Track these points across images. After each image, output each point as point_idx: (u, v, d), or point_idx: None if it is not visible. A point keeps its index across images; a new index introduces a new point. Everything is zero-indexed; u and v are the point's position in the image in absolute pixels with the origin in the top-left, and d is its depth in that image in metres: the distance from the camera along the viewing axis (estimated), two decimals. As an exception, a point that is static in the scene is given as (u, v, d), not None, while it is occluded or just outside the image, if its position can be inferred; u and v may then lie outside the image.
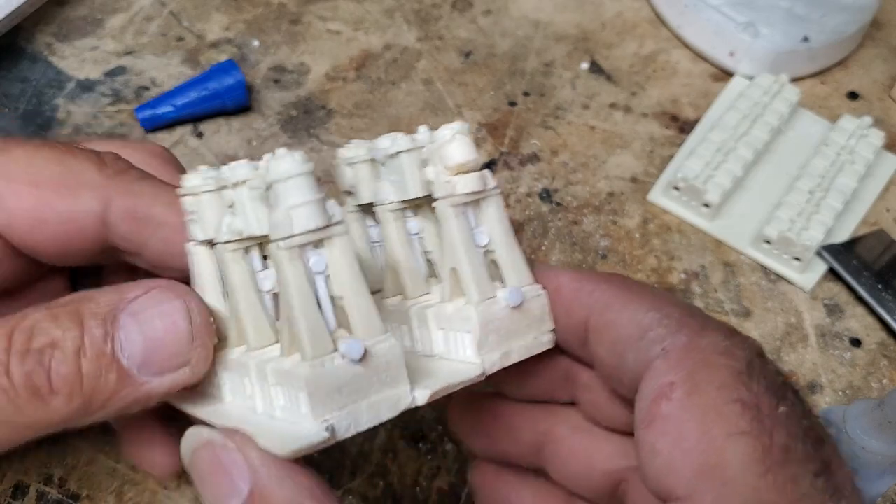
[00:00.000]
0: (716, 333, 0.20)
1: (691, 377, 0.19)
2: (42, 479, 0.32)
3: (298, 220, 0.20)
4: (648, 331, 0.21)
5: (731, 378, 0.19)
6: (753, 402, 0.19)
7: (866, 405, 0.28)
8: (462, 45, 0.51)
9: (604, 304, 0.22)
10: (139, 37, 0.49)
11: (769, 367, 0.20)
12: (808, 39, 0.49)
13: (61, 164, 0.26)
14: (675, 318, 0.21)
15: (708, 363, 0.19)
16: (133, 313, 0.22)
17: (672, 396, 0.19)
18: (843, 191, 0.43)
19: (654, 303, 0.22)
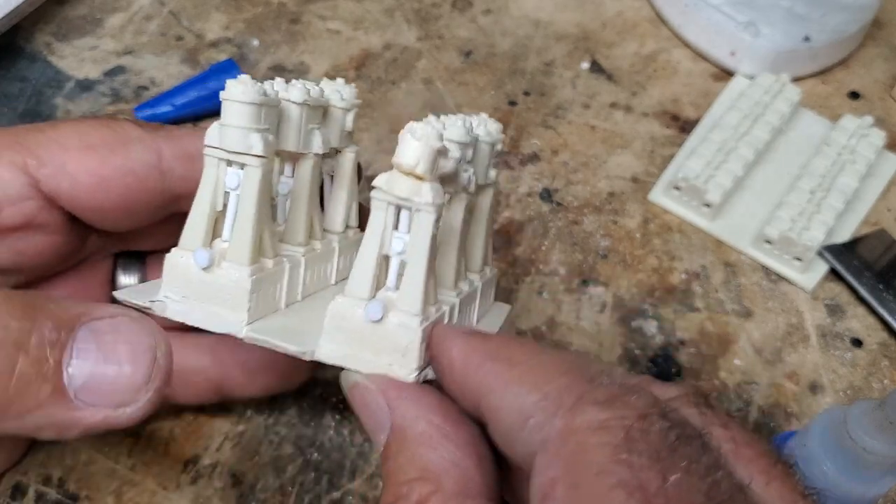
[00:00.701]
0: (591, 408, 0.18)
1: (570, 469, 0.18)
2: (41, 480, 0.32)
3: (224, 137, 0.23)
4: (529, 418, 0.19)
5: (608, 459, 0.17)
6: (636, 482, 0.16)
7: (867, 406, 0.28)
8: (462, 44, 0.51)
9: (488, 388, 0.21)
10: (138, 36, 0.49)
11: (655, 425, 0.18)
12: (809, 39, 0.49)
13: (108, 127, 0.27)
14: (552, 399, 0.19)
15: (584, 447, 0.18)
16: (95, 330, 0.21)
17: (556, 496, 0.18)
18: (844, 191, 0.42)
19: (536, 379, 0.20)
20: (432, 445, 0.21)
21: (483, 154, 0.27)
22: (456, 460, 0.20)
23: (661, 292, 0.40)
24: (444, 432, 0.21)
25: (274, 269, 0.25)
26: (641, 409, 0.18)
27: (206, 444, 0.33)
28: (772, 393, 0.37)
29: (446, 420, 0.21)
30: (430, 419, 0.21)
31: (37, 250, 0.27)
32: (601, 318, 0.39)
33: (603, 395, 0.19)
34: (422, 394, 0.22)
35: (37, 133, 0.26)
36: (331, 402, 0.35)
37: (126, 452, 0.33)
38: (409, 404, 0.22)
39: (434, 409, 0.22)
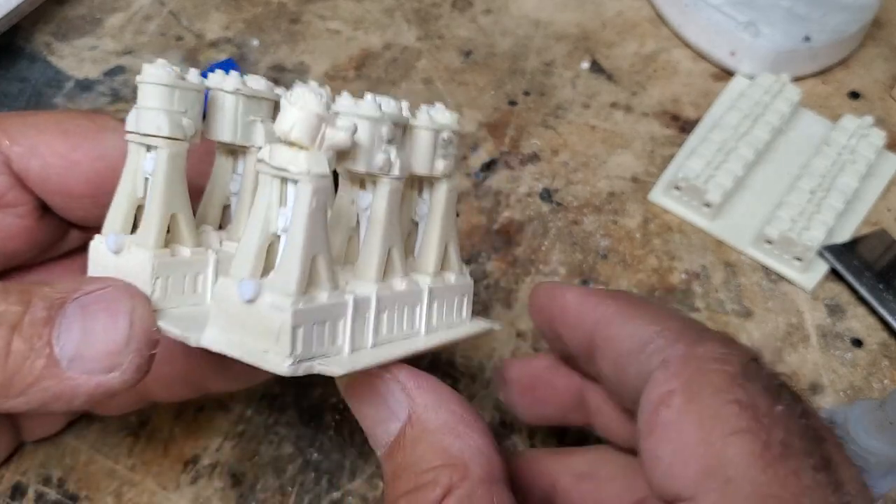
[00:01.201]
0: (712, 343, 0.21)
1: (689, 384, 0.20)
2: (41, 480, 0.32)
3: (139, 120, 0.23)
4: (648, 343, 0.21)
5: (727, 382, 0.19)
6: (750, 402, 0.19)
7: (868, 406, 0.28)
8: (462, 44, 0.51)
9: (606, 320, 0.23)
10: (138, 36, 0.49)
11: (765, 370, 0.20)
12: (809, 39, 0.49)
13: (86, 117, 0.28)
14: (673, 331, 0.21)
15: (705, 370, 0.20)
16: (82, 304, 0.22)
17: (671, 404, 0.20)
18: (844, 191, 0.42)
19: (655, 317, 0.22)
20: (457, 433, 0.21)
21: (422, 142, 0.25)
22: (480, 447, 0.21)
23: (661, 292, 0.40)
24: (466, 421, 0.22)
25: (191, 259, 0.24)
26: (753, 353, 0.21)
27: (205, 444, 0.33)
28: (772, 393, 0.37)
29: (466, 409, 0.22)
30: (451, 408, 0.22)
31: (8, 232, 0.28)
32: (601, 318, 0.39)
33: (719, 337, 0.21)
34: (437, 384, 0.23)
35: (16, 117, 0.28)
36: (330, 402, 0.35)
37: (126, 452, 0.33)
38: (429, 394, 0.22)
39: (454, 399, 0.22)
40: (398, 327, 0.25)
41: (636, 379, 0.22)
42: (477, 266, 0.40)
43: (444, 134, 0.25)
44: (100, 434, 0.33)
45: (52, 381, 0.22)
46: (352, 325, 0.23)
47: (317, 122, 0.20)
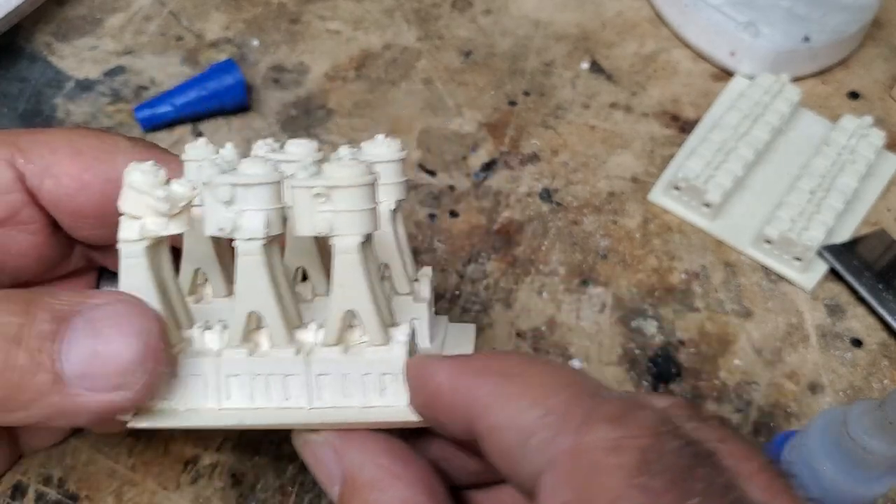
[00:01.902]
0: (602, 425, 0.17)
1: (584, 494, 0.17)
2: (41, 480, 0.32)
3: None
4: (531, 436, 0.18)
5: (624, 483, 0.16)
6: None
7: (867, 406, 0.28)
8: (462, 44, 0.51)
9: (484, 407, 0.19)
10: (138, 36, 0.49)
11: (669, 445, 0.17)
12: (808, 39, 0.49)
13: (97, 138, 0.28)
14: (558, 414, 0.18)
15: (598, 469, 0.17)
16: (89, 319, 0.21)
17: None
18: (844, 191, 0.42)
19: (536, 394, 0.19)
20: (382, 488, 0.21)
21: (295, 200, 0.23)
22: (406, 498, 0.21)
23: (660, 292, 0.40)
24: (393, 472, 0.21)
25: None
26: (653, 426, 0.17)
27: (206, 443, 0.33)
28: (771, 393, 0.37)
29: (395, 460, 0.22)
30: (377, 462, 0.21)
31: (20, 249, 0.28)
32: (601, 318, 0.39)
33: (612, 411, 0.18)
34: (368, 438, 0.22)
35: (29, 135, 0.28)
36: (331, 402, 0.35)
37: (126, 452, 0.33)
38: (355, 451, 0.22)
39: (381, 451, 0.22)
40: (262, 396, 0.23)
41: (525, 477, 0.19)
42: (477, 266, 0.40)
43: (319, 189, 0.22)
44: (100, 434, 0.33)
45: (57, 398, 0.21)
46: (188, 383, 0.23)
47: (137, 197, 0.22)
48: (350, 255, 0.22)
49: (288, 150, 0.27)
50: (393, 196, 0.28)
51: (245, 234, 0.22)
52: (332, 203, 0.22)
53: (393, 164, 0.27)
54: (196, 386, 0.23)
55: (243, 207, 0.22)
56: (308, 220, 0.22)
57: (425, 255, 0.41)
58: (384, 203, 0.27)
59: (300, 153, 0.27)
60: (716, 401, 0.37)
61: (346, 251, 0.22)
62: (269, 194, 0.22)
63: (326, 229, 0.22)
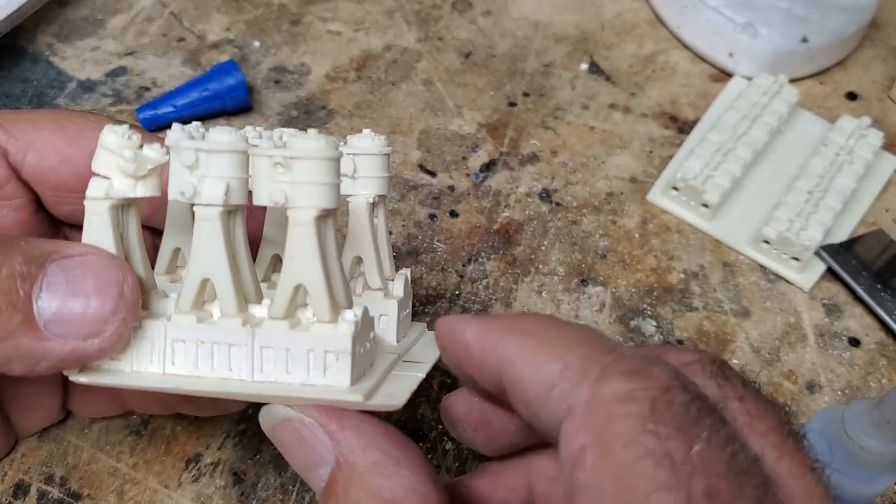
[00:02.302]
0: (616, 378, 0.18)
1: (599, 438, 0.18)
2: (43, 479, 0.32)
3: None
4: (552, 388, 0.19)
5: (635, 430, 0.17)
6: (663, 451, 0.17)
7: (865, 405, 0.28)
8: (462, 45, 0.51)
9: (510, 361, 0.21)
10: (140, 37, 0.49)
11: (678, 398, 0.18)
12: (806, 40, 0.49)
13: (83, 116, 0.28)
14: (576, 368, 0.19)
15: (612, 417, 0.18)
16: (65, 267, 0.22)
17: (585, 465, 0.18)
18: (841, 191, 0.43)
19: (558, 350, 0.20)
20: (387, 474, 0.21)
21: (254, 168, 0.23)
22: (413, 485, 0.20)
23: (659, 292, 0.40)
24: (396, 459, 0.21)
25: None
26: (664, 380, 0.18)
27: (207, 442, 0.33)
28: (770, 392, 0.37)
29: (396, 445, 0.21)
30: (380, 447, 0.21)
31: (2, 225, 0.28)
32: (600, 318, 0.39)
33: (626, 366, 0.19)
34: (365, 422, 0.22)
35: (12, 113, 0.28)
36: (331, 401, 0.35)
37: (128, 451, 0.33)
38: (354, 434, 0.21)
39: (381, 436, 0.21)
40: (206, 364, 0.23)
41: (549, 425, 0.20)
42: (476, 266, 0.41)
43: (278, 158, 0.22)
44: (102, 433, 0.33)
45: (25, 339, 0.21)
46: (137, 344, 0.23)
47: (108, 157, 0.22)
48: (304, 228, 0.22)
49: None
50: (373, 190, 0.28)
51: (204, 199, 0.22)
52: (291, 174, 0.21)
53: (377, 159, 0.28)
54: (143, 348, 0.23)
55: (205, 173, 0.22)
56: (266, 189, 0.22)
57: (425, 255, 0.41)
58: (362, 195, 0.28)
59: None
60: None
61: (299, 223, 0.22)
62: (233, 163, 0.22)
63: (282, 199, 0.22)
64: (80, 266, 0.22)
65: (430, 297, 0.39)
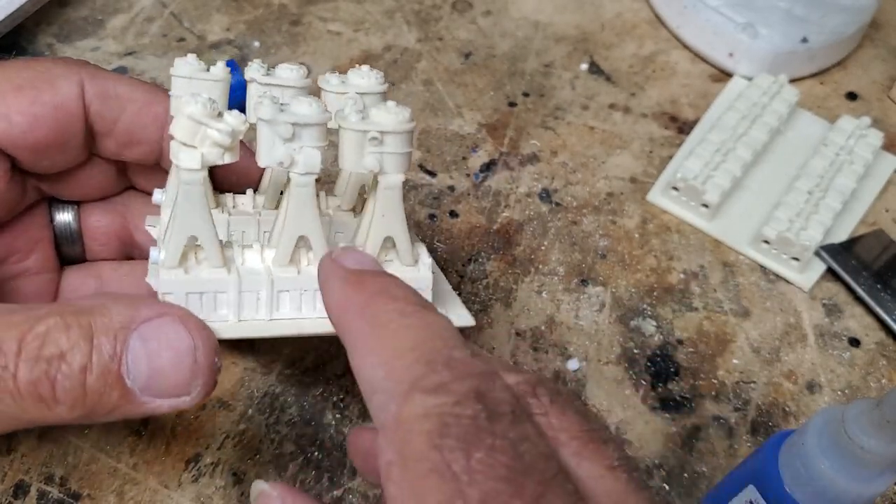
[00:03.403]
0: (418, 396, 0.19)
1: (401, 453, 0.19)
2: (43, 479, 0.32)
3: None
4: (375, 393, 0.21)
5: (425, 446, 0.18)
6: (444, 464, 0.18)
7: (865, 405, 0.28)
8: (462, 45, 0.51)
9: (352, 344, 0.22)
10: (140, 37, 0.49)
11: (468, 409, 0.19)
12: (806, 40, 0.49)
13: (31, 68, 0.29)
14: (393, 381, 0.20)
15: (410, 435, 0.19)
16: (144, 338, 0.24)
17: (392, 478, 0.19)
18: (841, 191, 0.43)
19: (387, 352, 0.21)
20: None
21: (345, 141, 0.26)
22: None
23: (659, 292, 0.40)
24: None
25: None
26: (461, 394, 0.19)
27: (207, 442, 0.33)
28: (770, 392, 0.37)
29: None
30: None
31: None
32: (600, 318, 0.39)
33: (432, 382, 0.20)
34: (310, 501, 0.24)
35: None
36: (331, 401, 0.35)
37: (128, 451, 0.33)
38: None
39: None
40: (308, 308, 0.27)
41: (376, 422, 0.21)
42: (476, 266, 0.41)
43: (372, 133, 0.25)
44: (102, 433, 0.33)
45: (128, 408, 0.24)
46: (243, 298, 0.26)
47: (194, 127, 0.24)
48: (394, 191, 0.26)
49: (279, 74, 0.31)
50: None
51: (302, 168, 0.25)
52: (383, 146, 0.25)
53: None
54: (250, 300, 0.26)
55: (302, 144, 0.25)
56: (356, 158, 0.25)
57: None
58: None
59: (291, 78, 0.31)
60: (714, 400, 0.37)
61: (391, 187, 0.26)
62: (322, 133, 0.25)
63: (376, 167, 0.25)
64: (155, 334, 0.24)
65: (430, 297, 0.39)
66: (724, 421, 0.36)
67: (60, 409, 0.23)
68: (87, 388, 0.23)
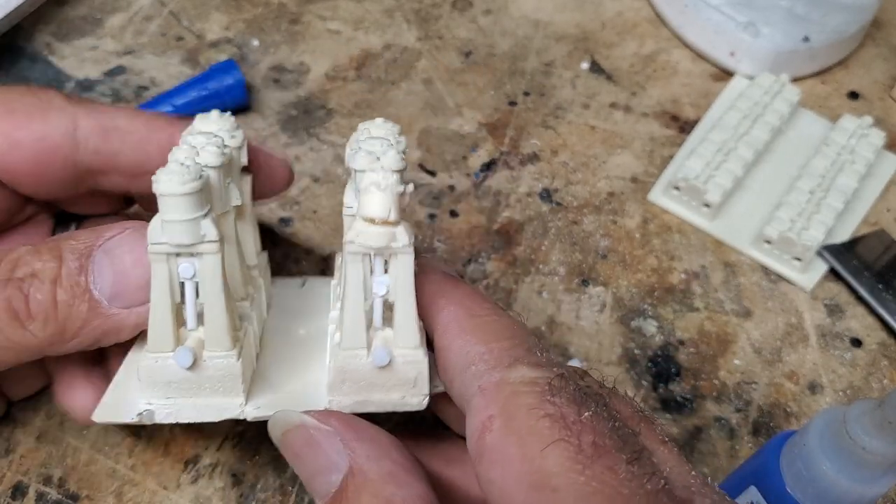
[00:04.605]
0: (524, 367, 0.22)
1: (505, 408, 0.21)
2: (41, 480, 0.32)
3: (172, 232, 0.23)
4: (470, 366, 0.23)
5: (537, 400, 0.21)
6: (559, 413, 0.20)
7: (867, 405, 0.28)
8: (462, 44, 0.51)
9: (443, 327, 0.24)
10: (139, 36, 0.49)
11: (571, 384, 0.22)
12: (808, 39, 0.49)
13: (33, 94, 0.29)
14: (494, 355, 0.22)
15: (517, 393, 0.21)
16: (107, 250, 0.25)
17: (492, 428, 0.21)
18: (843, 191, 0.42)
19: (485, 333, 0.23)
20: (399, 483, 0.22)
21: None
22: (422, 494, 0.22)
23: (660, 292, 0.40)
24: (407, 469, 0.23)
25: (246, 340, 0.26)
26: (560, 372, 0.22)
27: (206, 443, 0.33)
28: (771, 392, 0.37)
29: (406, 457, 0.23)
30: (393, 458, 0.23)
31: None
32: (601, 318, 0.39)
33: (534, 360, 0.23)
34: (377, 433, 0.24)
35: None
36: (331, 401, 0.35)
37: (126, 452, 0.33)
38: (369, 444, 0.23)
39: (393, 447, 0.23)
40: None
41: (459, 394, 0.23)
42: (477, 266, 0.41)
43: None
44: (100, 434, 0.33)
45: (99, 321, 0.25)
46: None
47: (399, 200, 0.23)
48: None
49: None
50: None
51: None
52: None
53: None
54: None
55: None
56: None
57: (425, 254, 0.41)
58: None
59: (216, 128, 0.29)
60: (715, 400, 0.37)
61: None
62: None
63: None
64: (118, 244, 0.25)
65: (430, 297, 0.39)
66: (726, 422, 0.36)
67: (34, 327, 0.24)
68: (57, 300, 0.24)
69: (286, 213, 0.42)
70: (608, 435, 0.20)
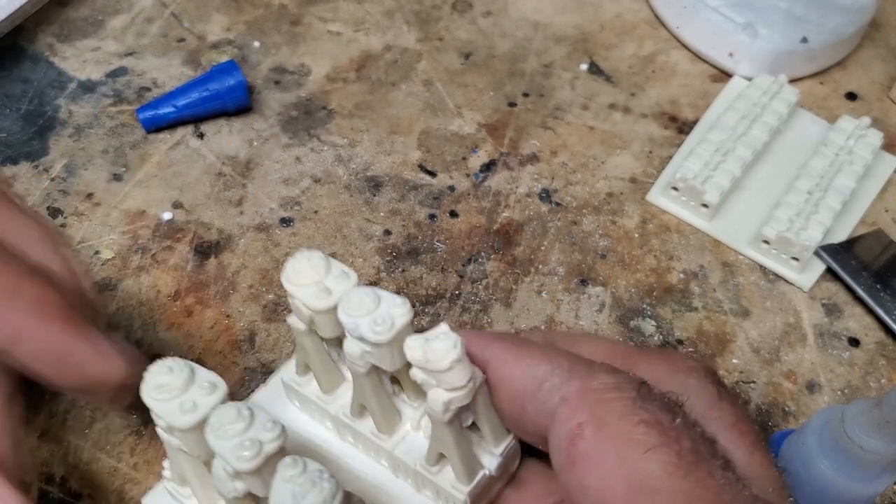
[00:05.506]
0: (603, 374, 0.22)
1: (595, 414, 0.21)
2: (43, 479, 0.32)
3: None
4: (544, 382, 0.22)
5: (629, 406, 0.21)
6: (655, 419, 0.20)
7: (865, 405, 0.28)
8: (462, 46, 0.51)
9: (498, 360, 0.24)
10: (140, 38, 0.49)
11: (655, 391, 0.22)
12: (806, 40, 0.49)
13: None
14: (564, 368, 0.22)
15: (604, 400, 0.21)
16: None
17: (584, 435, 0.21)
18: (841, 191, 0.43)
19: (543, 356, 0.23)
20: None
21: None
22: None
23: (659, 292, 0.40)
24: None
25: None
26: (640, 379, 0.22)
27: (207, 442, 0.33)
28: (769, 392, 0.37)
29: None
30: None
31: None
32: (600, 318, 0.39)
33: (607, 367, 0.22)
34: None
35: None
36: (331, 401, 0.35)
37: (128, 451, 0.33)
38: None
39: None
40: None
41: (535, 416, 0.23)
42: (476, 266, 0.41)
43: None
44: (102, 433, 0.33)
45: None
46: None
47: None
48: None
49: None
50: None
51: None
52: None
53: None
54: None
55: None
56: None
57: (425, 255, 0.41)
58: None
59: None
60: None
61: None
62: None
63: None
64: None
65: (430, 297, 0.39)
66: (724, 421, 0.36)
67: None
68: None
69: (287, 214, 0.42)
70: (700, 441, 0.21)
